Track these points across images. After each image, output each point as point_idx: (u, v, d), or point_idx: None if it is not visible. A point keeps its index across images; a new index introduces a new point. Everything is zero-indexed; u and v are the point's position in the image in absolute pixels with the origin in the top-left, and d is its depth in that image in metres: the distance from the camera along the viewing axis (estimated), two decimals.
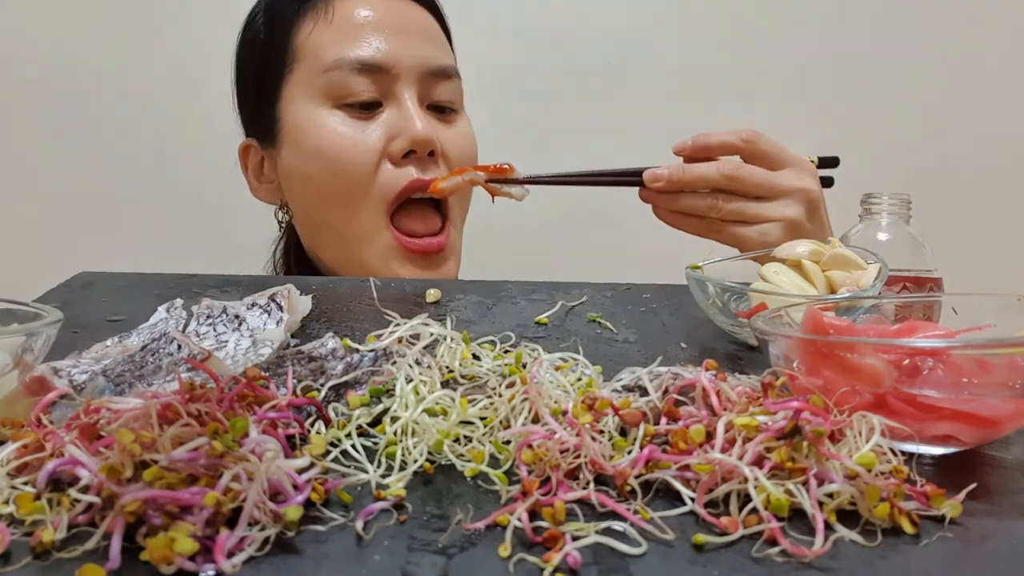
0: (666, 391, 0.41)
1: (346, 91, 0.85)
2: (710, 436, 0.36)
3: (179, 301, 0.60)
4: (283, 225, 0.99)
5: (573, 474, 0.35)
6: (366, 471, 0.36)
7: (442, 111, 0.90)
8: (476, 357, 0.48)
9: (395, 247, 0.86)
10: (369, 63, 0.84)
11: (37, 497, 0.31)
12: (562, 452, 0.36)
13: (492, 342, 0.51)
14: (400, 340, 0.47)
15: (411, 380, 0.42)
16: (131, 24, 1.36)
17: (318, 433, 0.39)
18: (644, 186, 0.79)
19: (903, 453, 0.36)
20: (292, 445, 0.37)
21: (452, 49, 0.95)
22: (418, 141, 0.83)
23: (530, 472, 0.35)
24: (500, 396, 0.41)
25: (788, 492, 0.33)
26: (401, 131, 0.84)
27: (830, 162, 0.86)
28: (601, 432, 0.38)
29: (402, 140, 0.84)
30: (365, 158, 0.84)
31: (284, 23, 0.89)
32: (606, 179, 0.83)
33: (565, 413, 0.38)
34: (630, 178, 0.80)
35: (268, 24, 0.91)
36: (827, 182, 0.84)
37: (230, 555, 0.29)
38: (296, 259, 0.99)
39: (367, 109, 0.85)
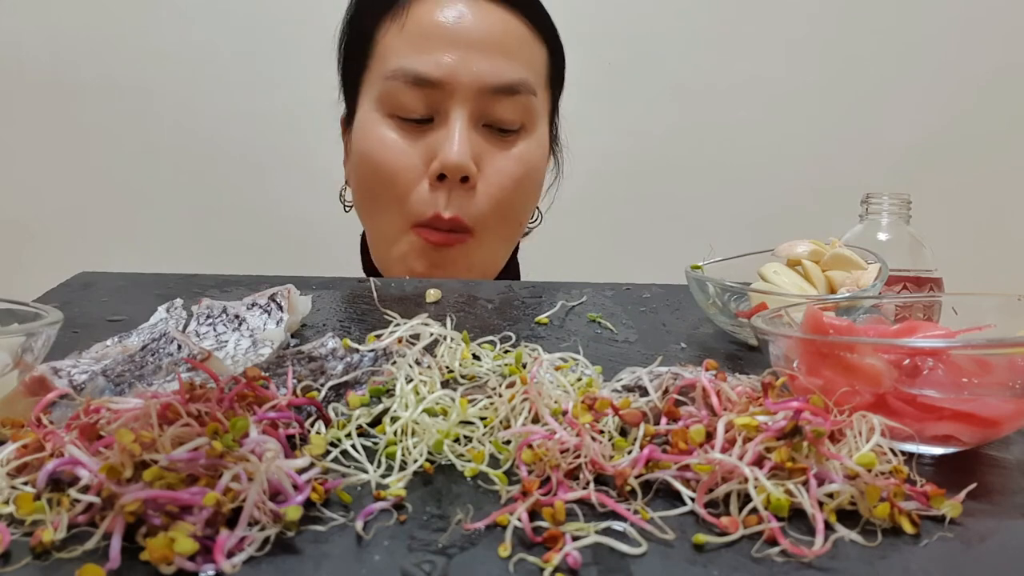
0: (666, 391, 0.41)
1: (398, 104, 0.83)
2: (710, 436, 0.36)
3: (179, 301, 0.60)
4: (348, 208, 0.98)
5: (573, 474, 0.35)
6: (366, 471, 0.36)
7: (502, 131, 0.85)
8: (476, 357, 0.48)
9: (415, 244, 0.84)
10: (424, 78, 0.82)
11: (37, 497, 0.31)
12: (562, 452, 0.36)
13: (492, 342, 0.51)
14: (400, 340, 0.47)
15: (411, 380, 0.42)
16: (132, 23, 1.36)
17: (318, 433, 0.39)
18: None
19: (903, 453, 0.36)
20: (292, 445, 0.37)
21: (553, 53, 0.90)
22: (448, 166, 0.80)
23: (530, 472, 0.35)
24: (500, 396, 0.41)
25: (788, 492, 0.33)
26: (439, 153, 0.82)
27: None
28: (601, 432, 0.38)
29: (436, 163, 0.81)
30: (406, 175, 0.83)
31: (370, 19, 0.88)
32: None
33: (565, 413, 0.38)
34: None
35: (354, 17, 0.91)
36: None
37: (230, 555, 0.29)
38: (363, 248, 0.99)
39: (418, 123, 0.84)
